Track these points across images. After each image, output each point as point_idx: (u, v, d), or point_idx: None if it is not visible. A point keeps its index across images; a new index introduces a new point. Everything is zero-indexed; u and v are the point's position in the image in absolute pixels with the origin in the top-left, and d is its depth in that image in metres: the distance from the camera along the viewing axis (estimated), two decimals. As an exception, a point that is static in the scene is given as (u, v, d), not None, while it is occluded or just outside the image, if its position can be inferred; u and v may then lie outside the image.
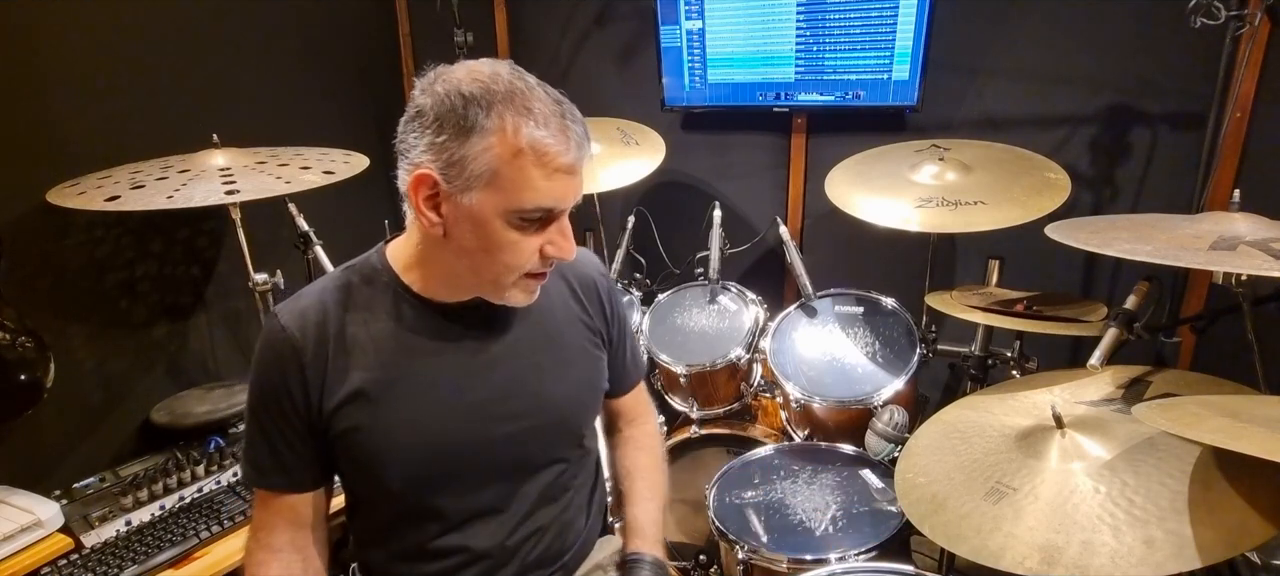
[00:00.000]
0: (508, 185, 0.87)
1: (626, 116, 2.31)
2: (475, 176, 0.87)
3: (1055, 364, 1.53)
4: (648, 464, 1.26)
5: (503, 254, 0.92)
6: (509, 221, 0.90)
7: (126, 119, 1.86)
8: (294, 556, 1.01)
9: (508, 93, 0.87)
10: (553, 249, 0.94)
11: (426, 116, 0.88)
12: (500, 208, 0.88)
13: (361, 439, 0.98)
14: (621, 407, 1.30)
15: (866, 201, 1.72)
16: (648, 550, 1.14)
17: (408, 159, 0.91)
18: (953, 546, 1.05)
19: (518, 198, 0.88)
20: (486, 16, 2.58)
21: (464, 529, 1.05)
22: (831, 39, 2.07)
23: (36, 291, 1.73)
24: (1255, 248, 1.05)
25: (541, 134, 0.87)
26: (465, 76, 0.88)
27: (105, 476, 1.72)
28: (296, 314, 0.98)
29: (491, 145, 0.86)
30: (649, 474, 1.24)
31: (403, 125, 0.92)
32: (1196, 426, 0.91)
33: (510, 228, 0.90)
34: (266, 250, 1.84)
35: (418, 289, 1.00)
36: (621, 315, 1.21)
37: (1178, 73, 1.77)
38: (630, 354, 1.27)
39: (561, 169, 0.89)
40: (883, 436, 1.60)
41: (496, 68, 0.90)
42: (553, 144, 0.87)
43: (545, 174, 0.88)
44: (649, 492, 1.22)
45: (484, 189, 0.87)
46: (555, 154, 0.87)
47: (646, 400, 1.34)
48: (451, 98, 0.86)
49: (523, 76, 0.90)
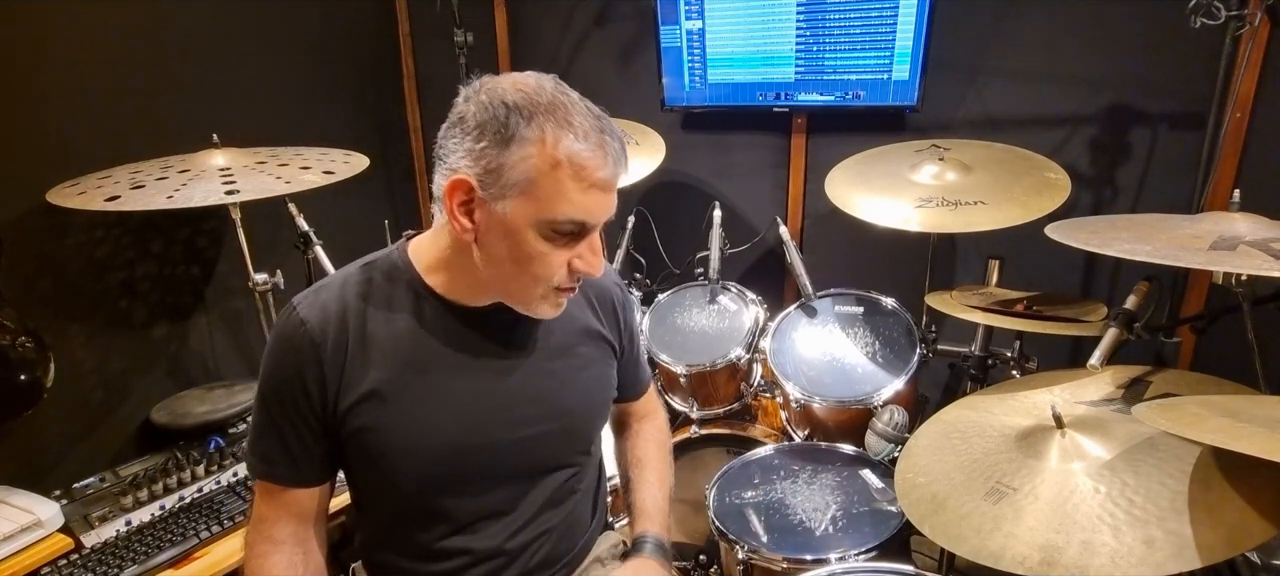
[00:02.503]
0: (543, 195, 0.87)
1: (626, 116, 2.30)
2: (511, 185, 0.87)
3: (1055, 364, 1.53)
4: (656, 455, 1.29)
5: (532, 265, 0.92)
6: (541, 232, 0.90)
7: (126, 119, 1.86)
8: (296, 549, 1.01)
9: (551, 105, 0.87)
10: (581, 264, 0.94)
11: (468, 123, 0.89)
12: (533, 218, 0.89)
13: (374, 438, 0.98)
14: (633, 408, 1.32)
15: (866, 201, 1.72)
16: (653, 531, 1.16)
17: (446, 164, 0.91)
18: (953, 546, 1.05)
19: (551, 208, 0.88)
20: (486, 16, 2.58)
21: (471, 530, 1.05)
22: (831, 39, 2.07)
23: (36, 291, 1.73)
24: (1255, 247, 1.05)
25: (580, 147, 0.87)
26: (510, 86, 0.89)
27: (105, 476, 1.72)
28: (317, 308, 0.97)
29: (530, 155, 0.86)
30: (657, 465, 1.27)
31: (443, 131, 0.92)
32: (1196, 426, 0.91)
33: (541, 239, 0.90)
34: (266, 250, 1.84)
35: (441, 290, 1.00)
36: (633, 326, 1.23)
37: (1178, 73, 1.77)
38: (640, 361, 1.29)
39: (597, 184, 0.89)
40: (883, 436, 1.60)
41: (541, 81, 0.90)
42: (591, 158, 0.87)
43: (581, 187, 0.88)
44: (656, 480, 1.24)
45: (519, 198, 0.88)
46: (592, 168, 0.88)
47: (656, 398, 1.37)
48: (494, 106, 0.87)
49: (566, 91, 0.91)
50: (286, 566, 0.99)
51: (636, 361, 1.27)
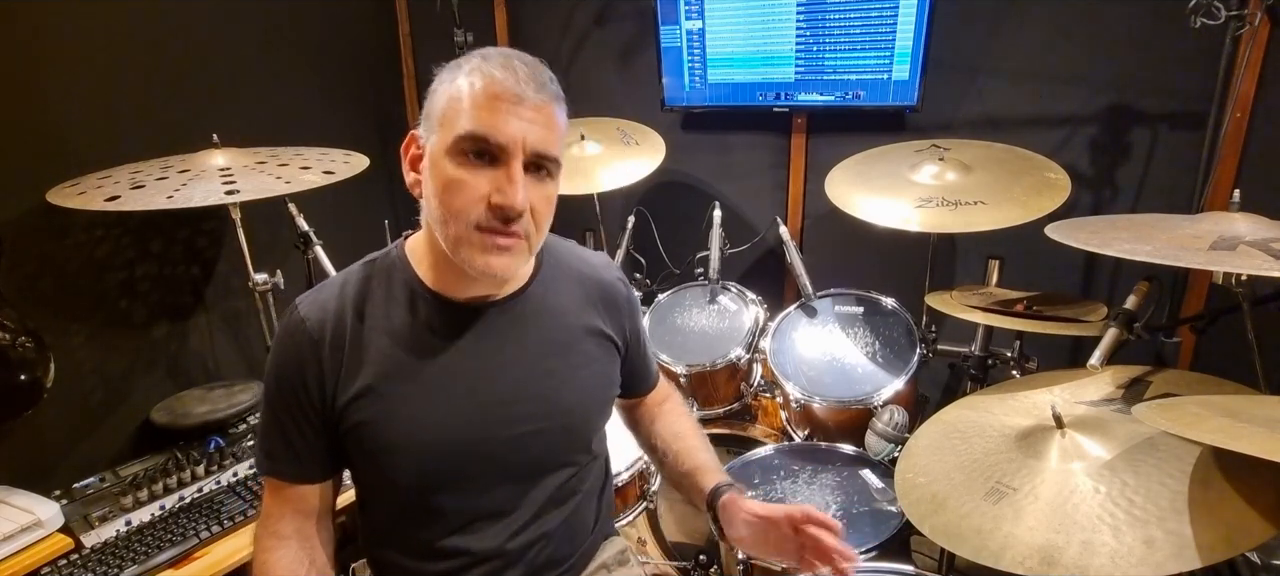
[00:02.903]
0: (450, 116, 0.91)
1: (626, 116, 2.31)
2: (433, 118, 0.93)
3: (1055, 364, 1.53)
4: (691, 426, 1.28)
5: (450, 196, 0.91)
6: (452, 156, 0.90)
7: (126, 119, 1.86)
8: (300, 546, 1.02)
9: (482, 55, 0.93)
10: (499, 196, 0.90)
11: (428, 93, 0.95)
12: (445, 142, 0.91)
13: (371, 433, 0.98)
14: (647, 402, 1.31)
15: (866, 201, 1.72)
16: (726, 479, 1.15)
17: None
18: (953, 546, 1.05)
19: (455, 125, 0.90)
20: (486, 16, 2.58)
21: (470, 530, 1.05)
22: (831, 39, 2.07)
23: (36, 291, 1.73)
24: (1255, 248, 1.05)
25: (488, 67, 0.91)
26: None
27: (105, 476, 1.72)
28: (317, 306, 0.99)
29: (447, 85, 0.92)
30: (696, 433, 1.26)
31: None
32: (1196, 426, 0.91)
33: (454, 164, 0.90)
34: (266, 250, 1.84)
35: (432, 283, 1.01)
36: (637, 322, 1.22)
37: (1178, 73, 1.77)
38: (647, 356, 1.27)
39: (500, 97, 0.89)
40: (883, 436, 1.60)
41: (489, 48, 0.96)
42: (494, 74, 0.90)
43: (484, 102, 0.89)
44: (702, 445, 1.24)
45: (438, 130, 0.92)
46: (495, 83, 0.89)
47: (668, 384, 1.36)
48: (442, 69, 0.95)
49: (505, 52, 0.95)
50: (291, 561, 1.00)
51: (644, 357, 1.26)
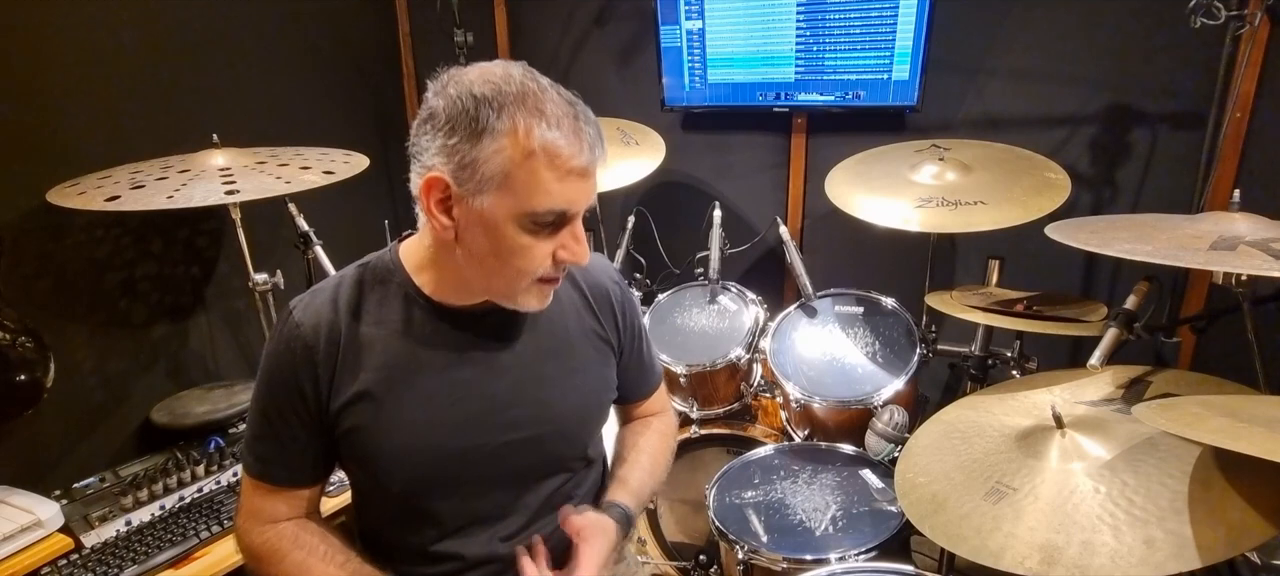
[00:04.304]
0: (520, 188, 0.86)
1: (626, 116, 2.31)
2: (487, 179, 0.85)
3: (1055, 364, 1.53)
4: (656, 444, 1.25)
5: (515, 258, 0.91)
6: (521, 225, 0.88)
7: (126, 119, 1.85)
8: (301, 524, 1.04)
9: (520, 94, 0.85)
10: (566, 253, 0.93)
11: (438, 119, 0.87)
12: (512, 211, 0.87)
13: (364, 438, 0.98)
14: (640, 410, 1.29)
15: (866, 201, 1.72)
16: (626, 501, 1.12)
17: (420, 162, 0.89)
18: (953, 546, 1.05)
19: (530, 200, 0.87)
20: (486, 16, 2.58)
21: (463, 534, 1.05)
22: (831, 39, 2.07)
23: (36, 291, 1.73)
24: (1255, 248, 1.05)
25: (554, 135, 0.85)
26: (477, 78, 0.87)
27: (105, 476, 1.72)
28: (311, 310, 0.98)
29: (503, 148, 0.84)
30: (653, 452, 1.23)
31: (415, 128, 0.90)
32: (1196, 426, 0.91)
33: (522, 232, 0.89)
34: (266, 250, 1.84)
35: (429, 291, 1.00)
36: (634, 323, 1.20)
37: (1178, 72, 1.77)
38: (645, 360, 1.25)
39: (574, 171, 0.87)
40: (883, 436, 1.60)
41: (509, 69, 0.88)
42: (565, 146, 0.86)
43: (557, 176, 0.86)
44: (648, 463, 1.20)
45: (496, 192, 0.86)
46: (568, 156, 0.86)
47: (666, 399, 1.34)
48: (463, 100, 0.85)
49: (535, 77, 0.89)
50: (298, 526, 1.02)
51: (642, 361, 1.24)
